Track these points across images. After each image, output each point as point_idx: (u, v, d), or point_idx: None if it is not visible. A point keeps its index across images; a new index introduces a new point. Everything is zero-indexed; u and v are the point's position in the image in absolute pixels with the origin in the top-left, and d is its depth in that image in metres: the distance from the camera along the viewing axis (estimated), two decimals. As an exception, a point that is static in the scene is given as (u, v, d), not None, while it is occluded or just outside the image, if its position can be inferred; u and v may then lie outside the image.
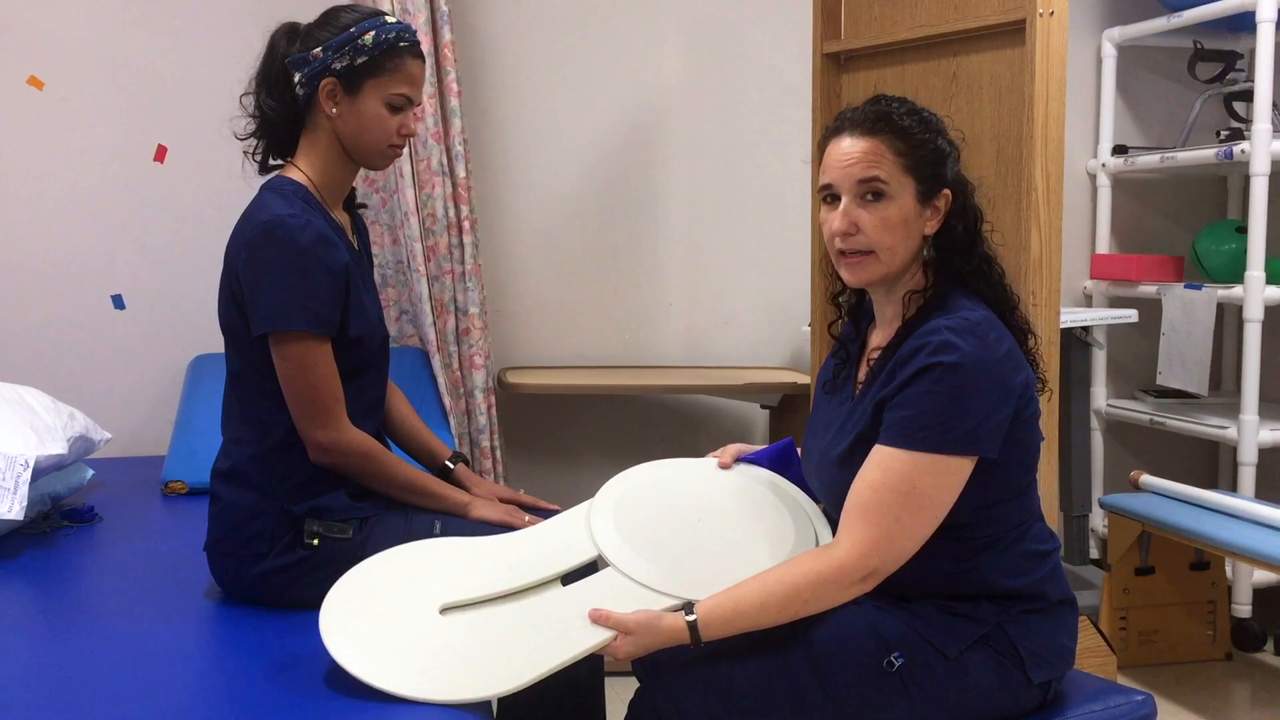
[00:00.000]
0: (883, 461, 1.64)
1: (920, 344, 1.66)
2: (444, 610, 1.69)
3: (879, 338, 1.81)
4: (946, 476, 1.63)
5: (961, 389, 1.62)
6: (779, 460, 1.97)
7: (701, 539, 1.80)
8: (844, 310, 1.92)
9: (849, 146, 1.72)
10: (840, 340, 1.92)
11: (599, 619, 1.65)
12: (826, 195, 1.75)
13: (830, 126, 1.78)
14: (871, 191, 1.70)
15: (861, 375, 1.82)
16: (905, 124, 1.72)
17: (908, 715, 1.67)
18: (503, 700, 1.86)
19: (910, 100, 1.78)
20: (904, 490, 1.62)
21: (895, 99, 1.77)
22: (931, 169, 1.72)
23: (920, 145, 1.71)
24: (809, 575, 1.64)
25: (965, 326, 1.65)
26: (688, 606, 1.65)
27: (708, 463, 1.99)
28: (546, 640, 1.64)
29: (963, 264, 1.74)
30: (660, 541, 1.78)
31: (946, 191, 1.73)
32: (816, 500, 1.90)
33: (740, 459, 1.99)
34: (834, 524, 1.80)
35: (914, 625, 1.69)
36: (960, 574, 1.70)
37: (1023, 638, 1.69)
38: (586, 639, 1.64)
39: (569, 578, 1.78)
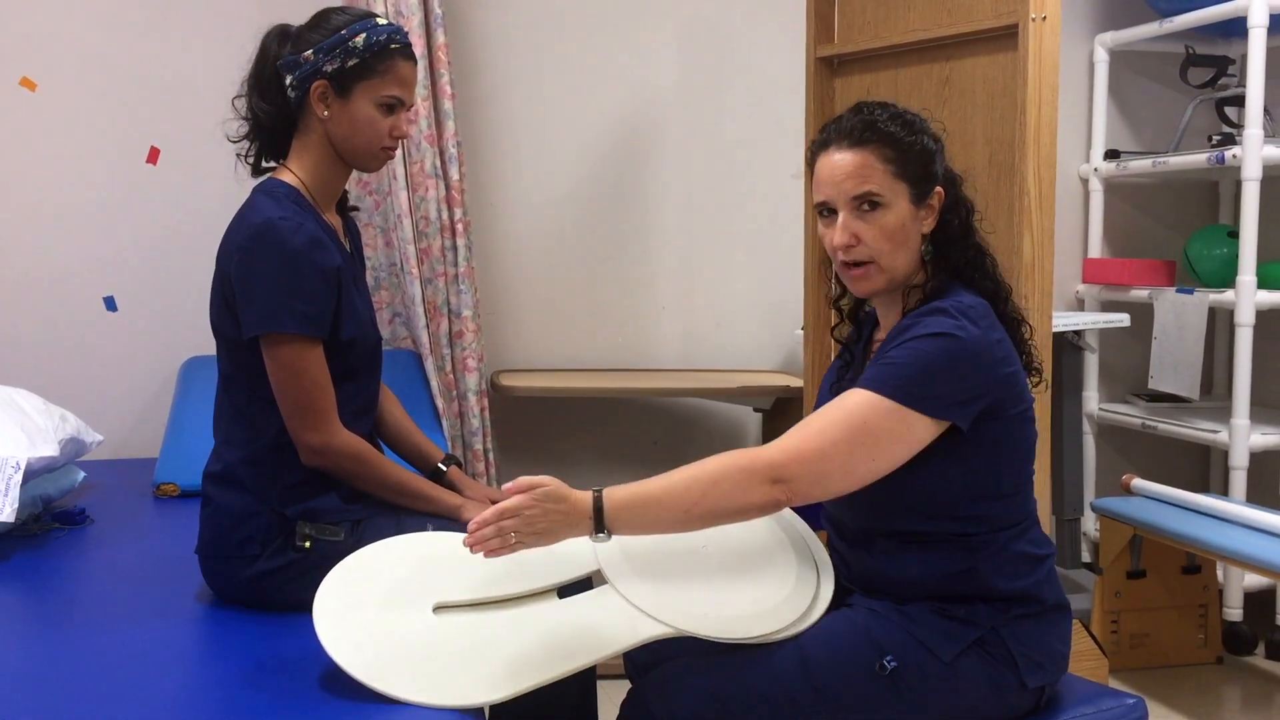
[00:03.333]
0: (844, 399, 1.66)
1: (911, 322, 1.69)
2: (438, 609, 1.69)
3: (883, 334, 1.82)
4: (901, 428, 1.63)
5: (943, 356, 1.64)
6: None
7: (703, 568, 1.78)
8: (845, 314, 1.93)
9: (839, 160, 1.73)
10: (844, 344, 1.93)
11: (516, 485, 1.62)
12: (822, 210, 1.77)
13: (817, 140, 1.79)
14: (867, 203, 1.72)
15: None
16: (891, 131, 1.73)
17: (899, 718, 1.67)
18: (494, 702, 1.86)
19: (892, 104, 1.79)
20: (853, 423, 1.63)
21: (877, 105, 1.78)
22: (922, 170, 1.73)
23: (908, 149, 1.73)
24: (722, 460, 1.64)
25: (959, 308, 1.68)
26: (597, 491, 1.62)
27: None
28: (537, 654, 1.64)
29: (958, 256, 1.77)
30: (661, 565, 1.77)
31: (939, 189, 1.75)
32: (820, 522, 1.90)
33: None
34: (837, 517, 1.80)
35: (908, 628, 1.69)
36: (957, 575, 1.71)
37: (1017, 642, 1.70)
38: (578, 656, 1.63)
39: (566, 590, 1.78)
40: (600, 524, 1.61)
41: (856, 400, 1.64)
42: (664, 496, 1.63)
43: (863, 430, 1.63)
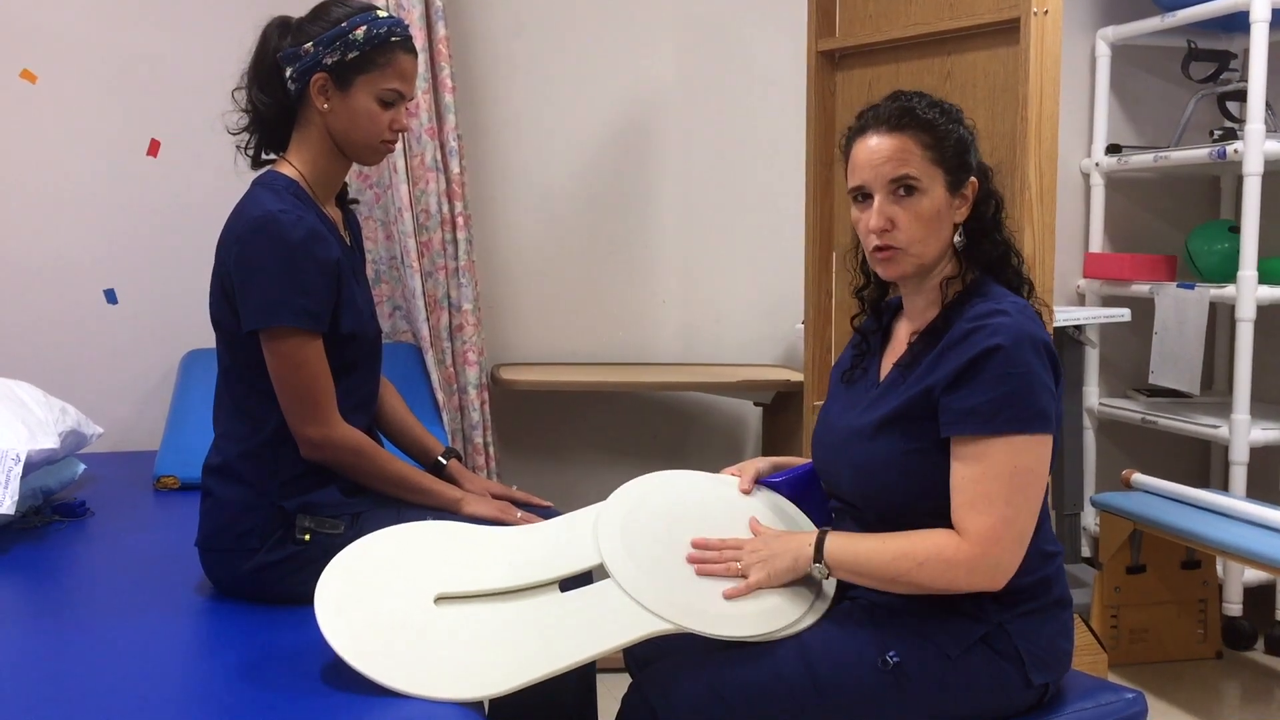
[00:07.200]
0: (974, 453, 1.64)
1: (974, 326, 1.67)
2: (439, 600, 1.69)
3: (912, 324, 1.81)
4: (1037, 452, 1.64)
5: (1028, 368, 1.63)
6: (800, 485, 1.94)
7: None
8: (867, 305, 1.92)
9: (876, 145, 1.73)
10: (861, 332, 1.92)
11: (754, 527, 1.82)
12: (857, 195, 1.77)
13: (854, 126, 1.79)
14: (904, 187, 1.72)
15: (890, 361, 1.82)
16: (929, 117, 1.73)
17: (901, 713, 1.67)
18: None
19: (929, 94, 1.79)
20: (1006, 474, 1.62)
21: (915, 94, 1.78)
22: (958, 158, 1.73)
23: (945, 136, 1.73)
24: (934, 545, 1.64)
25: (1016, 309, 1.68)
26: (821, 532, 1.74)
27: (726, 481, 1.95)
28: (538, 648, 1.64)
29: (989, 249, 1.77)
30: (664, 561, 1.77)
31: (973, 179, 1.75)
32: (829, 519, 1.90)
33: (760, 481, 1.95)
34: (854, 508, 1.80)
35: (913, 623, 1.68)
36: None
37: (1024, 639, 1.69)
38: (578, 651, 1.63)
39: (568, 583, 1.78)
40: (819, 554, 1.72)
41: (991, 452, 1.63)
42: (873, 556, 1.68)
43: (1017, 475, 1.63)
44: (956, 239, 1.76)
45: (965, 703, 1.68)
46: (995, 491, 1.62)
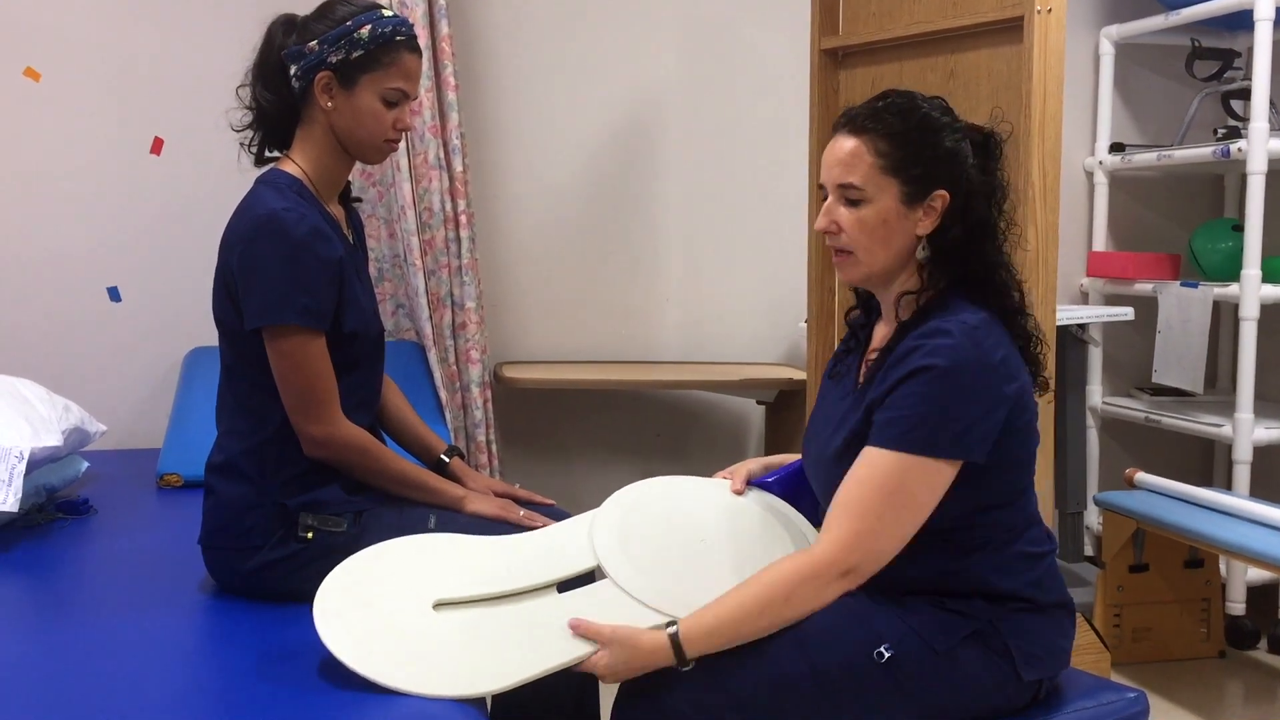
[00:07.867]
0: (871, 460, 1.64)
1: (915, 345, 1.66)
2: (438, 606, 1.70)
3: (879, 337, 1.81)
4: (932, 479, 1.63)
5: (953, 393, 1.62)
6: (791, 483, 1.94)
7: (701, 562, 1.79)
8: (860, 299, 1.92)
9: (837, 147, 1.73)
10: (851, 327, 1.92)
11: (578, 628, 1.64)
12: (822, 190, 1.78)
13: (834, 123, 1.79)
14: (847, 196, 1.71)
15: (861, 374, 1.81)
16: (891, 124, 1.70)
17: (897, 707, 1.67)
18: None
19: (917, 98, 1.75)
20: (889, 489, 1.62)
21: (902, 95, 1.75)
22: (921, 169, 1.69)
23: (905, 146, 1.69)
24: (786, 573, 1.64)
25: (962, 330, 1.64)
26: (670, 623, 1.64)
27: (718, 483, 1.96)
28: (536, 646, 1.64)
29: (959, 268, 1.72)
30: (660, 560, 1.78)
31: (942, 192, 1.70)
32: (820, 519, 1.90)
33: (752, 481, 1.96)
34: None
35: (905, 619, 1.68)
36: (952, 573, 1.70)
37: (1014, 635, 1.69)
38: (576, 648, 1.64)
39: (565, 586, 1.78)
40: (681, 658, 1.62)
41: (884, 464, 1.63)
42: (743, 620, 1.64)
43: (900, 493, 1.62)
44: (920, 252, 1.73)
45: (961, 697, 1.68)
46: (871, 500, 1.62)
